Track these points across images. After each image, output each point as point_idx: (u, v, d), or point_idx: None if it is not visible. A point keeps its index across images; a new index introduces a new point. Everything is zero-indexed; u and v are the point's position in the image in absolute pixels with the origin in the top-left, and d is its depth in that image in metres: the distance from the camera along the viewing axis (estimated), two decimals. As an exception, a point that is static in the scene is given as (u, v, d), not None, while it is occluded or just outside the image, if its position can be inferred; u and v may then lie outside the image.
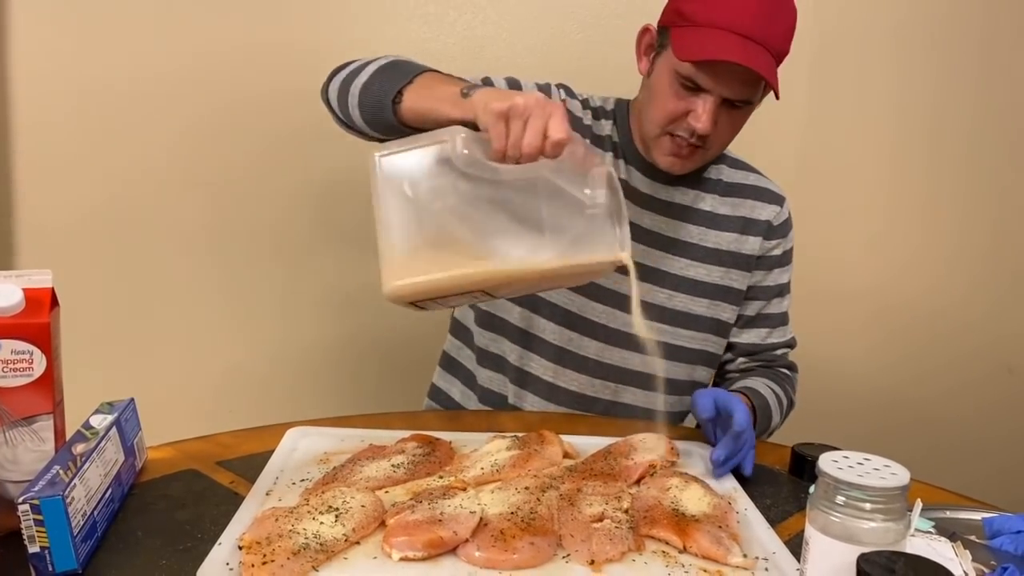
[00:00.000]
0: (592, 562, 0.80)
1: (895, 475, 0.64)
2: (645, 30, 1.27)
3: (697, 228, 1.34)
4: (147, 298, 1.87)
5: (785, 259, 1.41)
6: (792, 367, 1.42)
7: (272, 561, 0.75)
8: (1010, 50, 1.94)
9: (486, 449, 1.05)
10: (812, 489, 0.68)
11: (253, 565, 0.74)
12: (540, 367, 1.33)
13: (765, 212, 1.37)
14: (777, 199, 1.40)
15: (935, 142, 1.97)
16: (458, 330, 1.43)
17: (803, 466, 1.07)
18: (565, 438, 1.08)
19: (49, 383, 0.85)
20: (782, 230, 1.39)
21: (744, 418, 1.02)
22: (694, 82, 1.17)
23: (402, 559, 0.79)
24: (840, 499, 0.64)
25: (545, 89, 1.30)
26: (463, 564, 0.79)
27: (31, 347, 0.83)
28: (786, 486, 1.05)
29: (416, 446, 1.03)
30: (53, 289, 0.87)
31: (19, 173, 1.85)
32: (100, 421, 0.90)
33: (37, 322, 0.83)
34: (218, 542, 0.79)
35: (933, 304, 2.03)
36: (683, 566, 0.81)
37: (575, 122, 1.30)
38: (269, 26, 1.83)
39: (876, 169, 1.98)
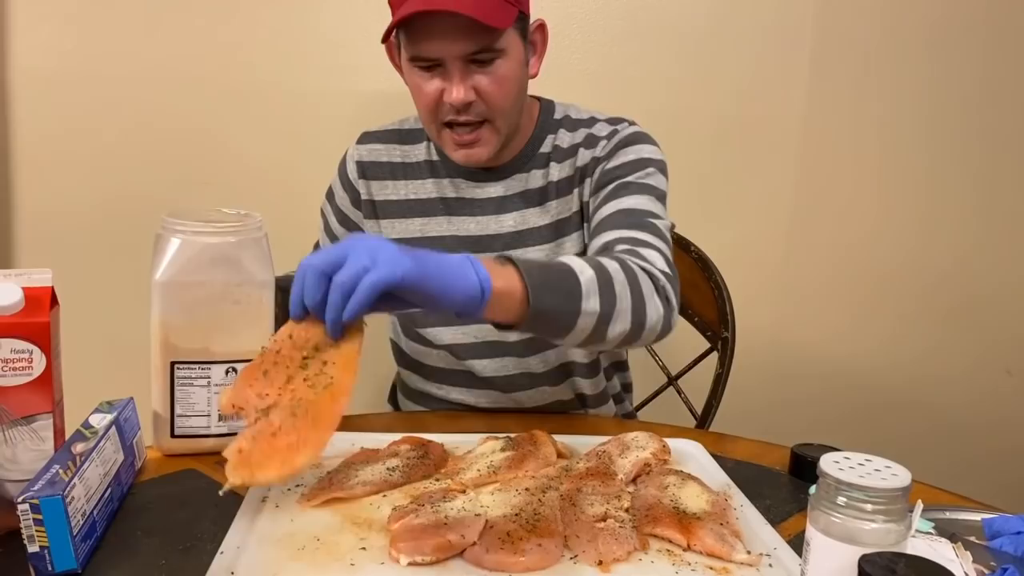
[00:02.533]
0: (600, 562, 0.80)
1: (896, 476, 0.64)
2: (387, 43, 1.22)
3: (543, 207, 1.25)
4: (146, 297, 1.86)
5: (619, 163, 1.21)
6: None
7: None
8: (1014, 48, 1.94)
9: (480, 451, 1.04)
10: (813, 490, 0.68)
11: None
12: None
13: (585, 157, 1.24)
14: (597, 140, 1.24)
15: (936, 141, 1.97)
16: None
17: (803, 467, 1.06)
18: (557, 438, 1.08)
19: (49, 382, 0.85)
20: (604, 160, 1.22)
21: None
22: (422, 56, 1.11)
23: (410, 564, 0.78)
24: (841, 500, 0.64)
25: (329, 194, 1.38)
26: (472, 568, 0.79)
27: (31, 346, 0.83)
28: (786, 487, 1.05)
29: (409, 449, 1.03)
30: (53, 288, 0.87)
31: (19, 172, 1.85)
32: (99, 420, 0.90)
33: (37, 321, 0.83)
34: (220, 551, 0.79)
35: (933, 306, 2.04)
36: (689, 564, 0.82)
37: (347, 189, 1.34)
38: (272, 25, 1.83)
39: (876, 168, 1.98)
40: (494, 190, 1.27)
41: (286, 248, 1.38)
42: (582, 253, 1.23)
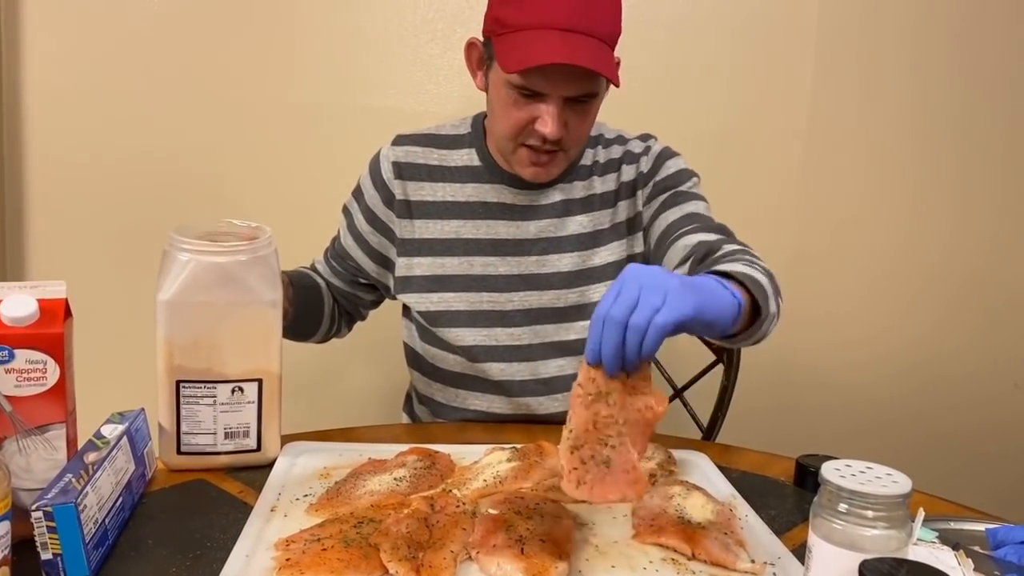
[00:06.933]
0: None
1: (897, 483, 0.65)
2: (471, 44, 1.24)
3: (587, 216, 1.31)
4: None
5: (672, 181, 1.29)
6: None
7: None
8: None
9: (486, 461, 1.05)
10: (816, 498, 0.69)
11: None
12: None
13: (630, 173, 1.31)
14: (636, 156, 1.32)
15: (949, 147, 1.96)
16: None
17: (807, 477, 1.07)
18: None
19: (62, 392, 0.86)
20: (651, 174, 1.30)
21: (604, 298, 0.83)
22: (530, 89, 1.14)
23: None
24: (843, 507, 0.65)
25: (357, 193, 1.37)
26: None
27: (45, 357, 0.84)
28: (791, 497, 1.05)
29: (416, 459, 1.04)
30: (67, 300, 0.88)
31: (31, 183, 1.87)
32: (111, 431, 0.92)
33: (51, 332, 0.85)
34: (229, 559, 0.80)
35: (941, 319, 2.03)
36: (694, 573, 0.83)
37: (378, 189, 1.32)
38: (283, 40, 1.85)
39: (881, 175, 1.98)
40: (535, 197, 1.31)
41: (295, 260, 1.41)
42: (628, 259, 1.29)
